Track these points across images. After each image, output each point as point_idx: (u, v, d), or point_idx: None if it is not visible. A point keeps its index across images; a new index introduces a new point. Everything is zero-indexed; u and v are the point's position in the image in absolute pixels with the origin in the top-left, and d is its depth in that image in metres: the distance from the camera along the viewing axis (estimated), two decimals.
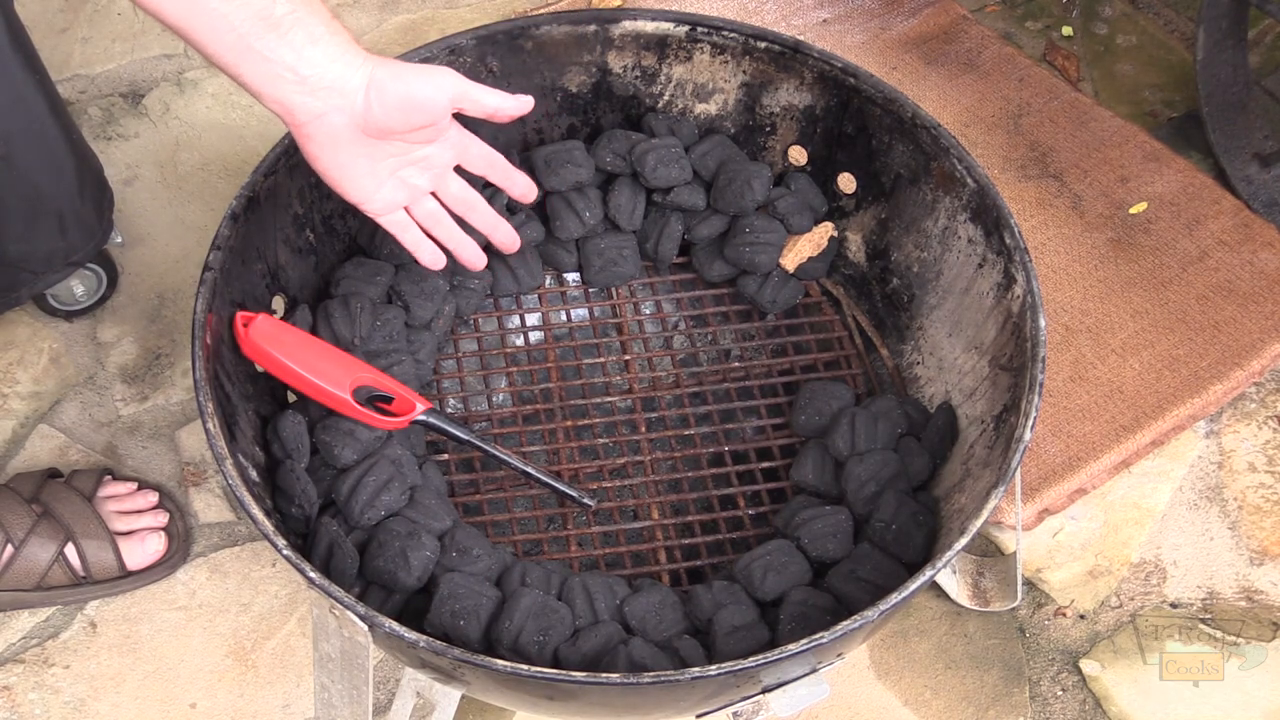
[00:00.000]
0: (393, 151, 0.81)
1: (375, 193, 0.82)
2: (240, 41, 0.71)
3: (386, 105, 0.76)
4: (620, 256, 1.02)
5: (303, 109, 0.74)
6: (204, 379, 0.77)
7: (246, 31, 0.70)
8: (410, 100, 0.77)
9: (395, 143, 0.80)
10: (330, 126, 0.76)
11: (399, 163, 0.83)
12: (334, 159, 0.78)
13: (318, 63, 0.73)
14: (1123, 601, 1.04)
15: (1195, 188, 1.25)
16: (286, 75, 0.73)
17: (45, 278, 1.04)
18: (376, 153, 0.80)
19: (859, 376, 1.00)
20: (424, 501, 0.84)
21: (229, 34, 0.70)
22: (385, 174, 0.82)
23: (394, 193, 0.83)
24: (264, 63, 0.72)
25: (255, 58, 0.71)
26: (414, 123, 0.79)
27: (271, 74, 0.72)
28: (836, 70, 0.95)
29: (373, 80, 0.75)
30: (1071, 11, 1.49)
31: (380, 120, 0.77)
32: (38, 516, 0.97)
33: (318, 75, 0.73)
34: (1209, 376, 1.11)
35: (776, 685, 0.74)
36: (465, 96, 0.80)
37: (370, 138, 0.78)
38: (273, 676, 0.98)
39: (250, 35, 0.71)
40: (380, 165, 0.81)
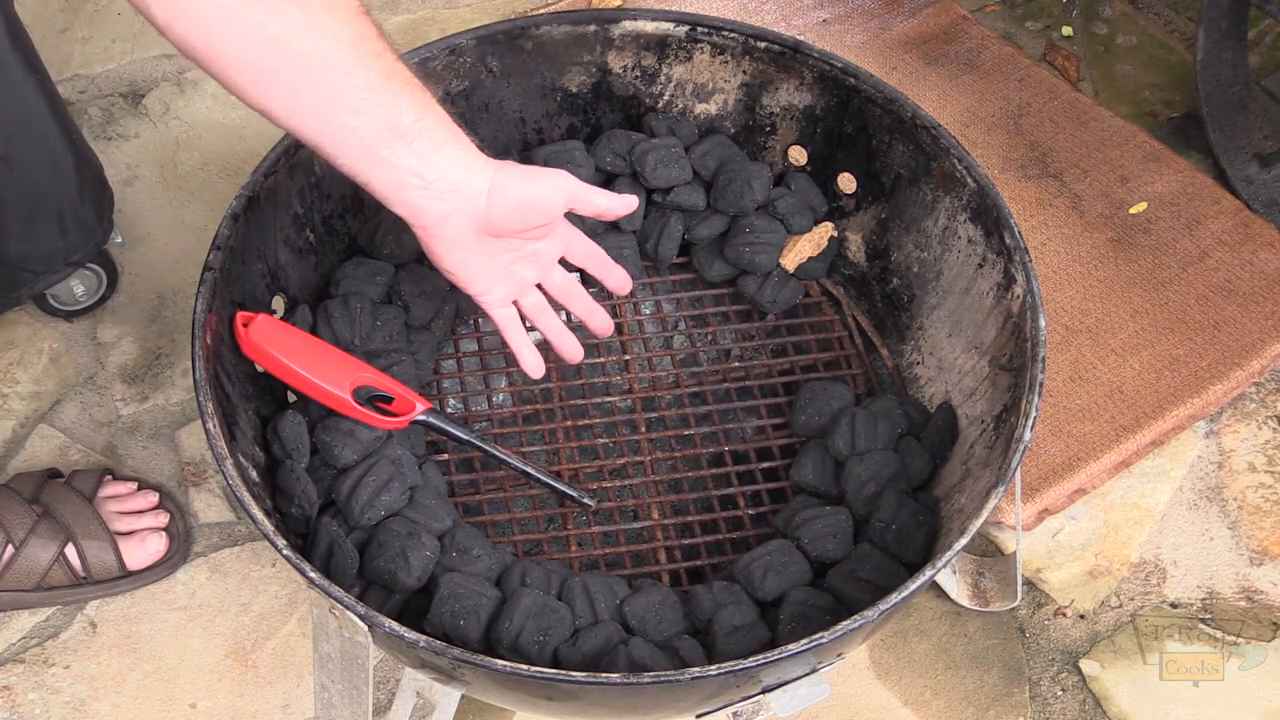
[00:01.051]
0: (508, 248, 0.84)
1: (493, 286, 0.85)
2: (368, 152, 0.73)
3: (507, 207, 0.79)
4: (620, 256, 1.02)
5: (429, 212, 0.77)
6: (204, 379, 0.77)
7: (375, 142, 0.72)
8: (530, 203, 0.80)
9: (511, 240, 0.83)
10: (454, 228, 0.78)
11: (513, 258, 0.86)
12: (457, 256, 0.81)
13: (443, 168, 0.75)
14: (1123, 601, 1.04)
15: (1195, 188, 1.25)
16: (413, 181, 0.74)
17: (45, 278, 1.04)
18: (495, 249, 0.83)
19: (859, 376, 1.00)
20: (424, 501, 0.84)
21: (357, 145, 0.72)
22: (501, 269, 0.85)
23: (508, 286, 0.86)
24: (391, 170, 0.74)
25: (383, 166, 0.74)
26: (531, 223, 0.82)
27: (398, 180, 0.74)
28: (836, 70, 0.95)
29: (494, 184, 0.78)
30: (1071, 11, 1.49)
31: (501, 221, 0.79)
32: (38, 517, 0.97)
33: (442, 179, 0.75)
34: (1209, 376, 1.11)
35: (776, 685, 0.74)
36: (579, 198, 0.84)
37: (490, 236, 0.81)
38: (273, 676, 0.98)
39: (378, 145, 0.73)
40: (497, 260, 0.84)
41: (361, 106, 0.71)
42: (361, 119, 0.71)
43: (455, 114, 0.98)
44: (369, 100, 0.71)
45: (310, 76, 0.69)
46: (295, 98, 0.70)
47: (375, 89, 0.71)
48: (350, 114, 0.71)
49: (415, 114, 0.73)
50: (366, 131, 0.72)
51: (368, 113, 0.71)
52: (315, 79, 0.69)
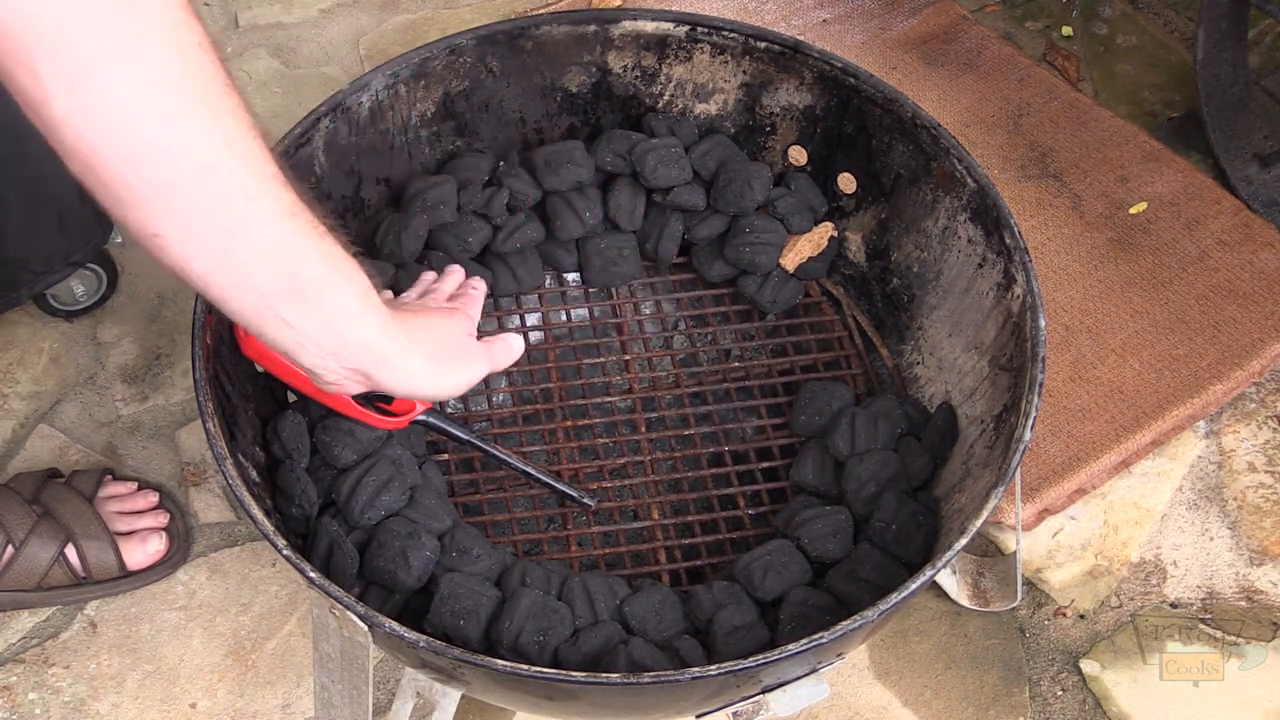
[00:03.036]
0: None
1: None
2: (264, 305, 0.62)
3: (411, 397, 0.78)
4: (620, 256, 1.02)
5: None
6: (204, 379, 0.77)
7: (272, 295, 0.62)
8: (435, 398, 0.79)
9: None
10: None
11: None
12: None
13: (346, 340, 0.66)
14: (1123, 601, 1.04)
15: (1195, 188, 1.25)
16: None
17: (45, 278, 1.04)
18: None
19: (859, 376, 1.00)
20: (424, 501, 0.84)
21: (252, 295, 0.61)
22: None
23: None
24: (287, 330, 0.64)
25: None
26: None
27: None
28: (836, 70, 0.95)
29: (405, 380, 0.72)
30: (1071, 11, 1.49)
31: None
32: (38, 517, 0.97)
33: (343, 353, 0.67)
34: (1209, 376, 1.11)
35: (776, 685, 0.74)
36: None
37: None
38: (273, 676, 0.98)
39: (275, 299, 0.62)
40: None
41: (262, 246, 0.59)
42: (261, 262, 0.60)
43: (455, 114, 1.00)
44: (272, 239, 0.59)
45: (211, 197, 0.56)
46: (192, 220, 0.57)
47: (280, 224, 0.60)
48: (250, 254, 0.59)
49: (320, 264, 0.62)
50: (264, 279, 0.60)
51: (270, 255, 0.60)
52: (216, 201, 0.57)
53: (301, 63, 1.41)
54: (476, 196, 0.98)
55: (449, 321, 0.79)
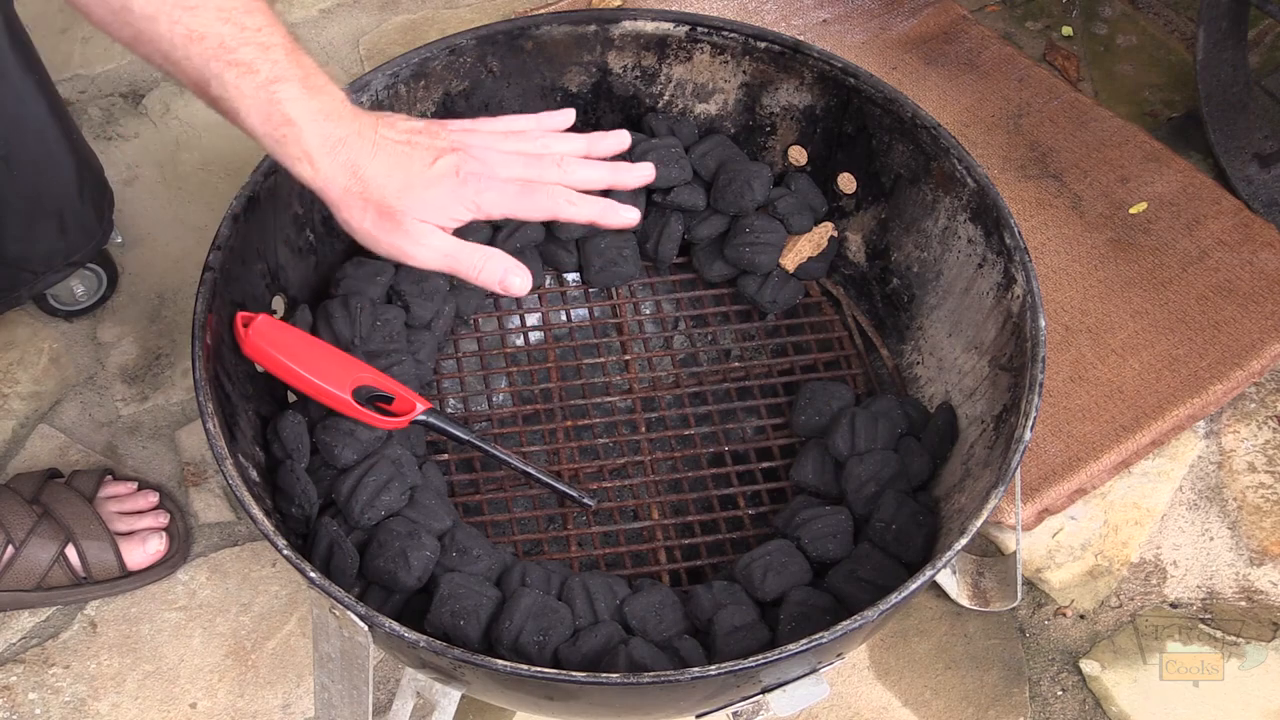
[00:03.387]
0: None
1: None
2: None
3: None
4: (620, 256, 1.02)
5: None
6: (204, 379, 0.77)
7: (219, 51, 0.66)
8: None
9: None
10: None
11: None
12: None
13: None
14: (1123, 601, 1.04)
15: (1195, 188, 1.25)
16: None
17: (45, 278, 1.04)
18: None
19: (859, 376, 1.00)
20: (424, 501, 0.84)
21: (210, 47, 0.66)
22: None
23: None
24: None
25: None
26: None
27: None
28: (836, 70, 0.95)
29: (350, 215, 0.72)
30: (1071, 11, 1.49)
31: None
32: (38, 517, 0.97)
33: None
34: (1209, 376, 1.11)
35: (776, 685, 0.74)
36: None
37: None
38: (273, 676, 0.98)
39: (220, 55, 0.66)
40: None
41: (195, 31, 0.65)
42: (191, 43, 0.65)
43: (455, 114, 0.99)
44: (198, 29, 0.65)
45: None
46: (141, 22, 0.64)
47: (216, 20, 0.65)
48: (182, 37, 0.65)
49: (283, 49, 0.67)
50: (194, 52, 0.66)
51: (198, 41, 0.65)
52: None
53: None
54: None
55: (430, 138, 0.73)
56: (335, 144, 0.70)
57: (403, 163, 0.72)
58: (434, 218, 0.73)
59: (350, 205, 0.71)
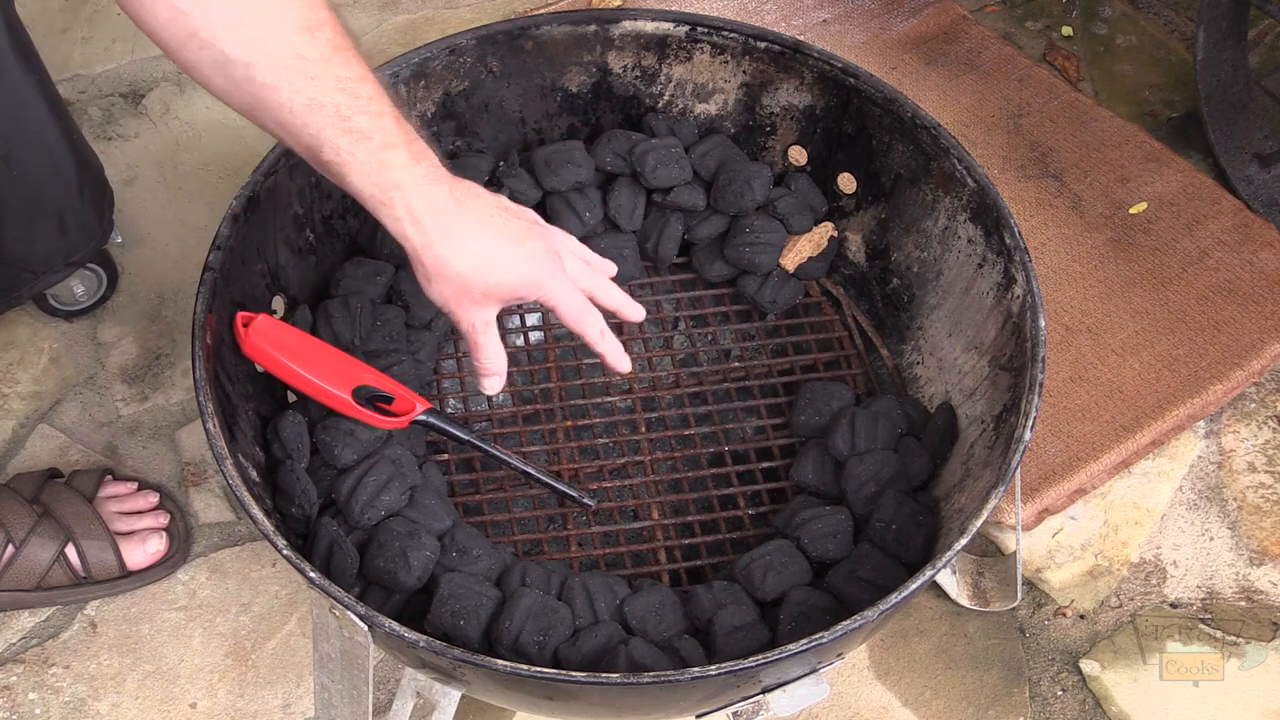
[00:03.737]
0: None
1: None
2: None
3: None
4: (620, 256, 1.02)
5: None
6: (204, 379, 0.77)
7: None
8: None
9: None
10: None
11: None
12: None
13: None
14: (1123, 601, 1.04)
15: (1195, 188, 1.25)
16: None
17: (45, 278, 1.04)
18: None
19: (859, 376, 1.00)
20: (424, 501, 0.84)
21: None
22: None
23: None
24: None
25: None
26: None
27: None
28: (836, 70, 0.95)
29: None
30: (1071, 11, 1.49)
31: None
32: (38, 517, 0.97)
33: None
34: (1209, 376, 1.11)
35: (776, 685, 0.74)
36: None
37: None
38: (273, 676, 0.98)
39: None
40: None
41: (286, 124, 0.69)
42: (285, 134, 0.70)
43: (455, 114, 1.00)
44: (291, 121, 0.69)
45: (231, 80, 0.68)
46: (221, 93, 0.69)
47: (297, 114, 0.69)
48: (275, 126, 0.69)
49: (335, 155, 0.70)
50: (295, 144, 0.71)
51: (290, 133, 0.69)
52: (236, 84, 0.68)
53: None
54: None
55: (517, 218, 0.78)
56: (439, 210, 0.73)
57: (494, 240, 0.75)
58: (505, 294, 0.77)
59: (439, 270, 0.75)
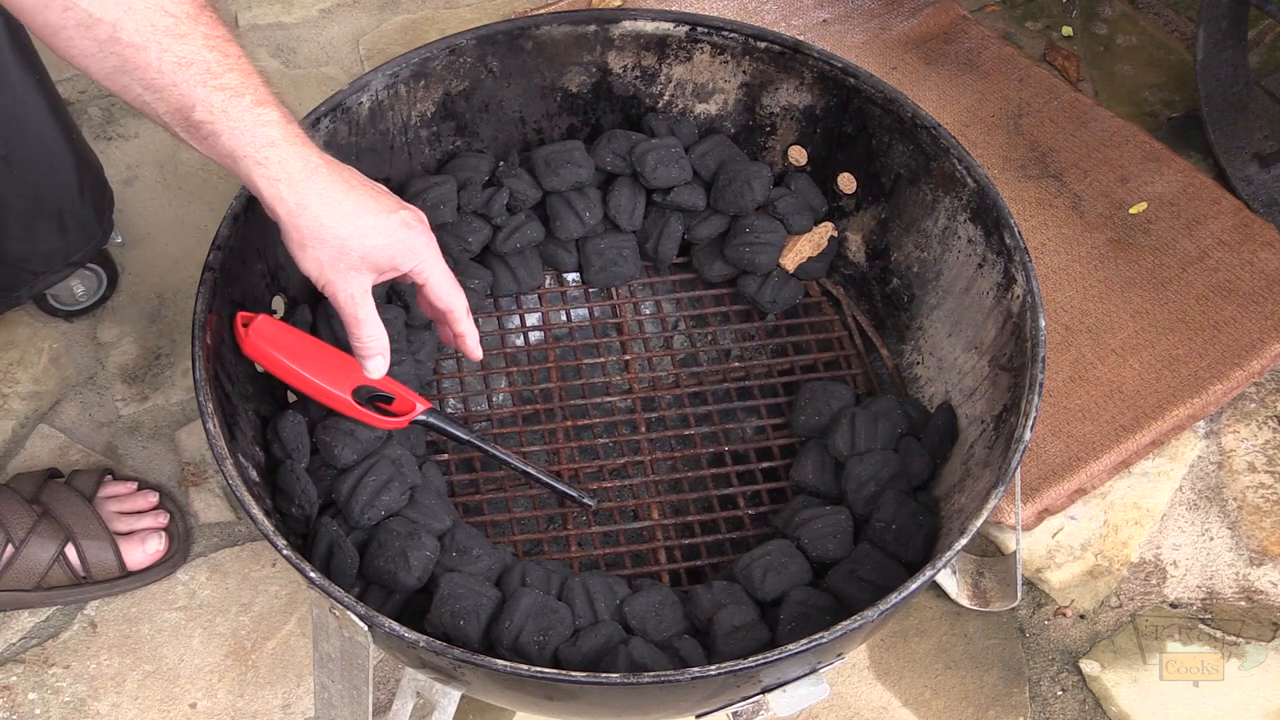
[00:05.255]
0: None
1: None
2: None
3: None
4: (620, 256, 1.02)
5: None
6: (204, 379, 0.77)
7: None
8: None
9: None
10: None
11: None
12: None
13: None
14: (1123, 601, 1.04)
15: (1195, 188, 1.25)
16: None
17: (45, 278, 1.05)
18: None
19: (859, 376, 1.00)
20: (424, 501, 0.84)
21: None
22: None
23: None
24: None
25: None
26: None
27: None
28: (836, 70, 0.95)
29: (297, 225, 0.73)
30: (1071, 11, 1.49)
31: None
32: (38, 516, 0.97)
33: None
34: (1209, 376, 1.11)
35: (776, 685, 0.74)
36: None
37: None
38: (273, 676, 0.98)
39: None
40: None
41: (154, 84, 0.67)
42: (153, 98, 0.68)
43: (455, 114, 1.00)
44: (159, 82, 0.67)
45: (95, 41, 0.65)
46: (82, 59, 0.66)
47: (166, 73, 0.67)
48: (142, 88, 0.67)
49: (207, 113, 0.68)
50: (161, 111, 0.68)
51: (159, 94, 0.67)
52: (100, 45, 0.65)
53: (301, 63, 1.41)
54: (476, 196, 0.98)
55: (384, 191, 0.77)
56: (313, 170, 0.72)
57: (369, 205, 0.75)
58: (381, 261, 0.76)
59: (314, 234, 0.73)
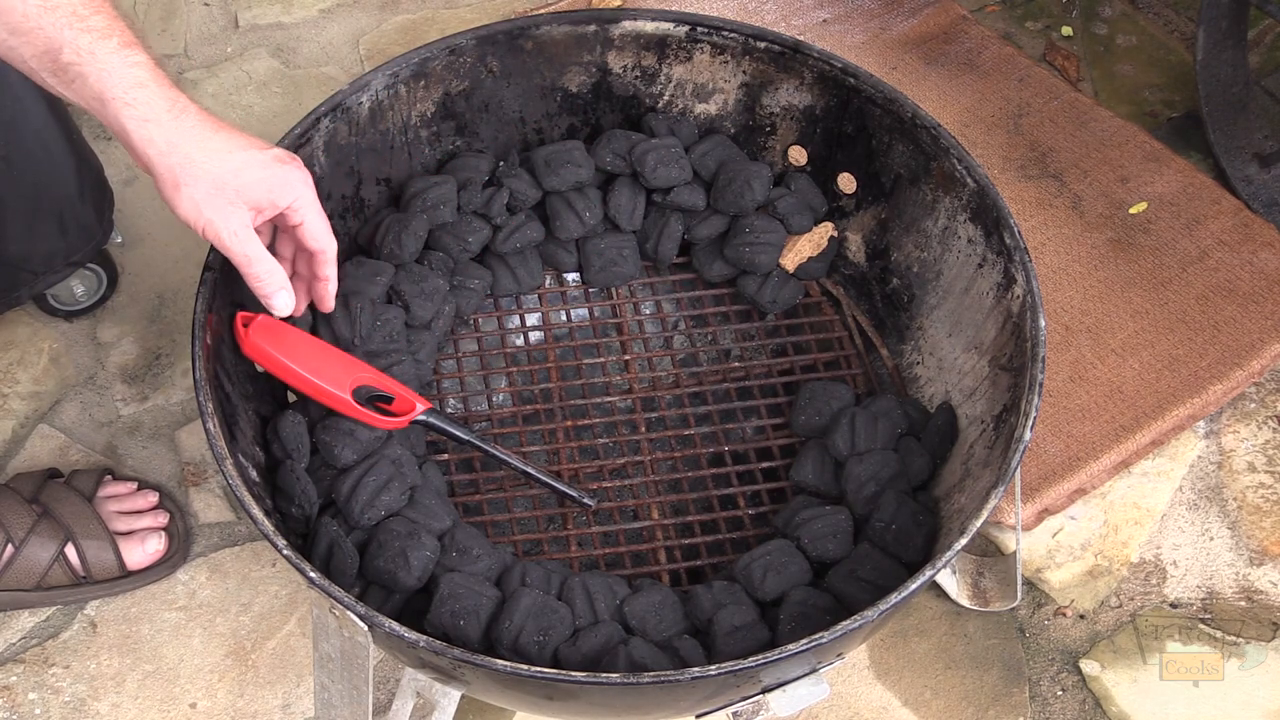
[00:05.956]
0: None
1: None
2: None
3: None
4: (620, 256, 1.02)
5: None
6: (204, 379, 0.77)
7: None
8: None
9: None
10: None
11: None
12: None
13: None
14: (1123, 601, 1.04)
15: (1195, 188, 1.25)
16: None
17: (45, 278, 1.05)
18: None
19: (859, 376, 1.00)
20: (424, 501, 0.84)
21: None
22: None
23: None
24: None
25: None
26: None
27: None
28: (836, 70, 0.95)
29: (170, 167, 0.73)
30: (1071, 11, 1.49)
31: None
32: (38, 516, 0.97)
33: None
34: (1209, 376, 1.11)
35: (776, 685, 0.74)
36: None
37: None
38: (273, 676, 0.98)
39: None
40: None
41: (18, 28, 0.68)
42: (19, 41, 0.68)
43: (455, 114, 0.99)
44: (24, 25, 0.67)
45: None
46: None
47: (33, 16, 0.67)
48: (7, 32, 0.68)
49: (74, 55, 0.68)
50: (27, 55, 0.69)
51: (24, 37, 0.68)
52: None
53: (301, 63, 1.41)
54: (476, 196, 0.98)
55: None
56: (182, 110, 0.73)
57: (240, 142, 0.75)
58: (258, 196, 0.75)
59: (187, 171, 0.73)
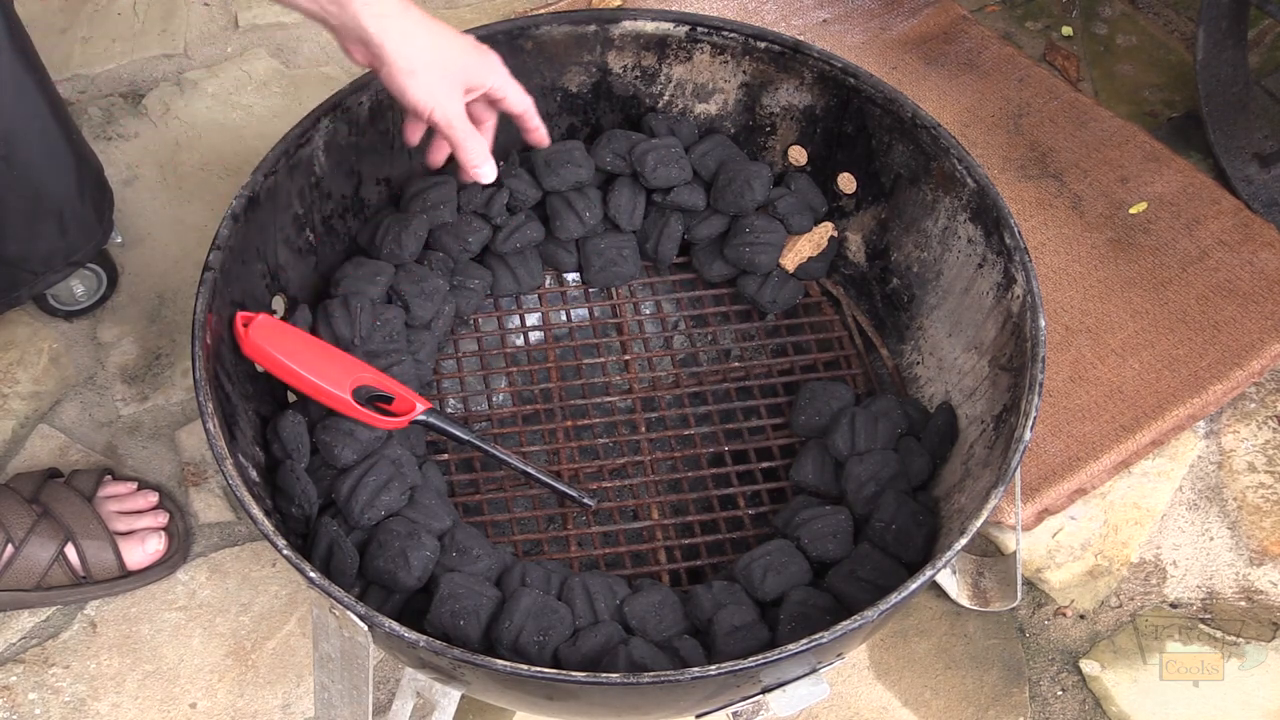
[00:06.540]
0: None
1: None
2: None
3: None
4: (620, 256, 1.02)
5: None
6: (204, 379, 0.77)
7: None
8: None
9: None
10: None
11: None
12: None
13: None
14: (1123, 601, 1.04)
15: (1195, 188, 1.25)
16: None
17: (45, 278, 1.04)
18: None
19: (859, 376, 1.00)
20: (424, 501, 0.84)
21: None
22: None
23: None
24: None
25: None
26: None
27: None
28: (836, 70, 0.95)
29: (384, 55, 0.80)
30: (1071, 11, 1.49)
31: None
32: (38, 516, 0.97)
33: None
34: (1209, 376, 1.11)
35: (776, 685, 0.74)
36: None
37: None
38: (273, 676, 0.98)
39: None
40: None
41: None
42: None
43: None
44: None
45: None
46: None
47: None
48: None
49: None
50: None
51: None
52: None
53: (301, 63, 1.41)
54: (476, 196, 0.98)
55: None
56: (407, 6, 0.80)
57: (451, 31, 0.83)
58: (474, 77, 0.84)
59: (421, 59, 0.80)
